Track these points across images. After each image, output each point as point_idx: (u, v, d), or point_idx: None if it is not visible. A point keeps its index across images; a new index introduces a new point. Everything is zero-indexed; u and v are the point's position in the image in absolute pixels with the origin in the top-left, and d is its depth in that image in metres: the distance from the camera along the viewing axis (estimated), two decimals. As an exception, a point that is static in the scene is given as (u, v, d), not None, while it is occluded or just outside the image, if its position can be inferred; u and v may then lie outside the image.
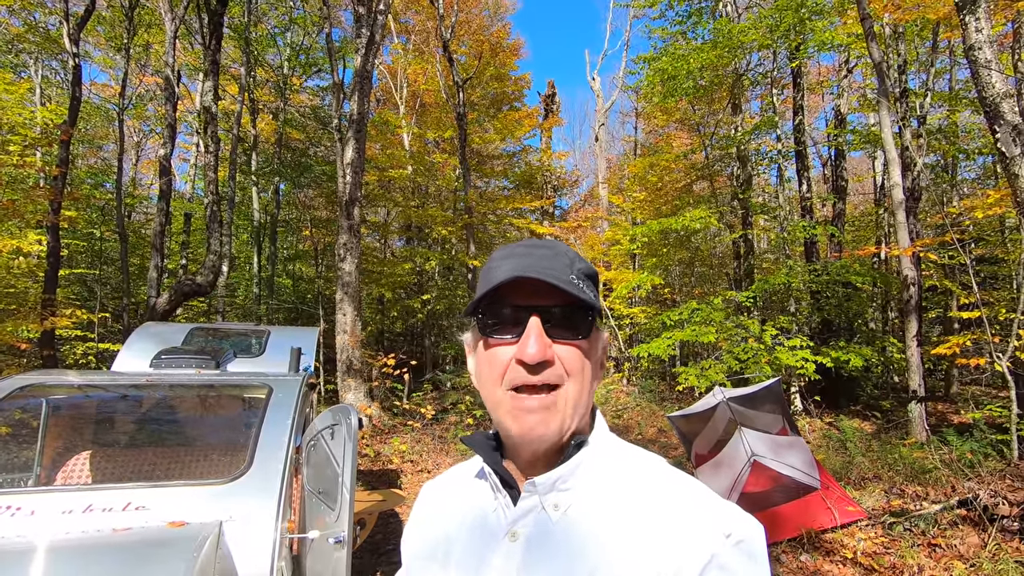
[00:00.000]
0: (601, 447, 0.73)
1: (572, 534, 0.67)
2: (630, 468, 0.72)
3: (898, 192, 8.16)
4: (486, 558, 0.71)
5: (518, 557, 0.68)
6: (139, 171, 21.59)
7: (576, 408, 0.69)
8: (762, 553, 0.64)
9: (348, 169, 9.72)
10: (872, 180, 17.50)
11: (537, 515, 0.70)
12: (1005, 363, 5.33)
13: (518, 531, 0.70)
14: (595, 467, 0.71)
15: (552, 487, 0.69)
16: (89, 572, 1.88)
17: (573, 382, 0.69)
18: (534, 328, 0.67)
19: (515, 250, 0.71)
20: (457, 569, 0.73)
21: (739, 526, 0.64)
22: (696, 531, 0.63)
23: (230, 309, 16.53)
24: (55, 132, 11.16)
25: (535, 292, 0.68)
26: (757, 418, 5.30)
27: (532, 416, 0.67)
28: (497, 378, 0.69)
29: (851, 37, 10.97)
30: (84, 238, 14.97)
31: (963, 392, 11.41)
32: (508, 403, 0.68)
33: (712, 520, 0.64)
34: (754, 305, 11.42)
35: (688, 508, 0.66)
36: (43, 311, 9.05)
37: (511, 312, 0.69)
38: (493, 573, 0.69)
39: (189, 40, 15.92)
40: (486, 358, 0.71)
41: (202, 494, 2.27)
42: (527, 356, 0.66)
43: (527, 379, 0.67)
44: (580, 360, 0.69)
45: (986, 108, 4.73)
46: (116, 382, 3.02)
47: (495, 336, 0.70)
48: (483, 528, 0.73)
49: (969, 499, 4.39)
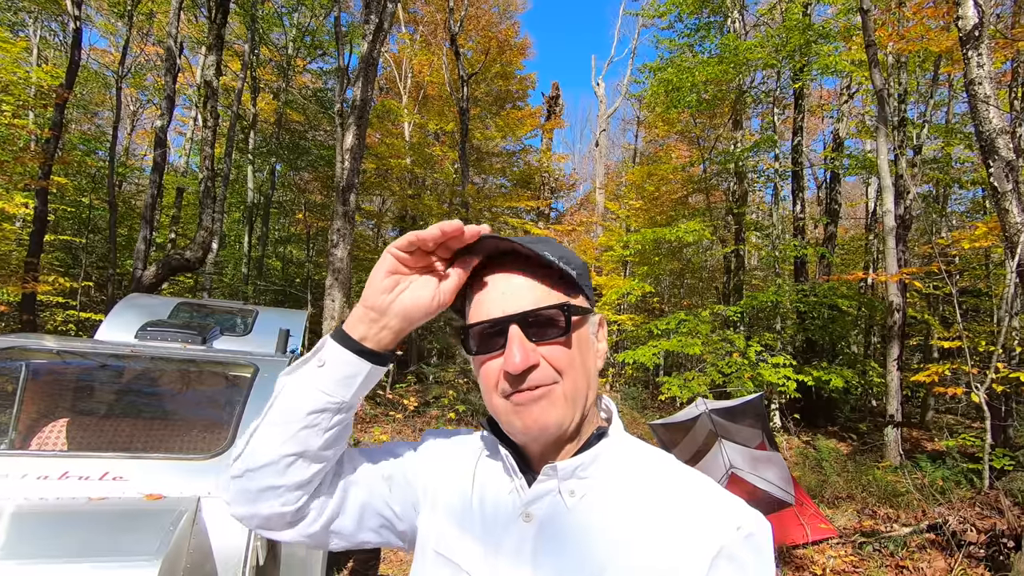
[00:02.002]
0: (619, 440, 0.76)
1: (586, 520, 0.69)
2: (644, 462, 0.74)
3: (889, 219, 8.27)
4: (500, 537, 0.72)
5: (531, 538, 0.70)
6: (133, 141, 21.29)
7: (575, 400, 0.71)
8: (769, 548, 0.66)
9: (347, 155, 9.66)
10: (865, 206, 17.73)
11: (553, 499, 0.71)
12: (982, 394, 5.43)
13: (532, 512, 0.71)
14: (612, 458, 0.73)
15: (572, 474, 0.71)
16: (61, 540, 1.85)
17: (566, 378, 0.70)
18: (515, 337, 0.68)
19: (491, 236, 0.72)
20: (474, 543, 0.74)
21: (749, 520, 0.66)
22: (708, 522, 0.65)
23: (217, 287, 16.37)
24: (50, 94, 10.98)
25: (507, 280, 0.71)
26: (737, 431, 5.34)
27: (532, 408, 0.69)
28: (492, 389, 0.71)
29: (854, 64, 11.12)
30: (72, 204, 14.73)
31: (938, 420, 11.61)
32: (507, 406, 0.70)
33: (723, 513, 0.66)
34: (741, 320, 11.53)
35: (700, 500, 0.68)
36: (25, 275, 8.90)
37: (491, 327, 0.70)
38: (506, 552, 0.71)
39: (194, 12, 15.71)
40: (481, 374, 0.73)
41: (181, 468, 2.25)
42: (512, 367, 0.67)
43: (518, 388, 0.69)
44: (567, 355, 0.71)
45: (982, 142, 4.81)
46: (99, 351, 2.97)
47: (481, 353, 0.72)
48: (498, 507, 0.75)
49: (938, 524, 4.47)
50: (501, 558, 0.71)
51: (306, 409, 0.71)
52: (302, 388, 0.72)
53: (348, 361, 0.72)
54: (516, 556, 0.70)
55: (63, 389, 3.26)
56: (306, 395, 0.72)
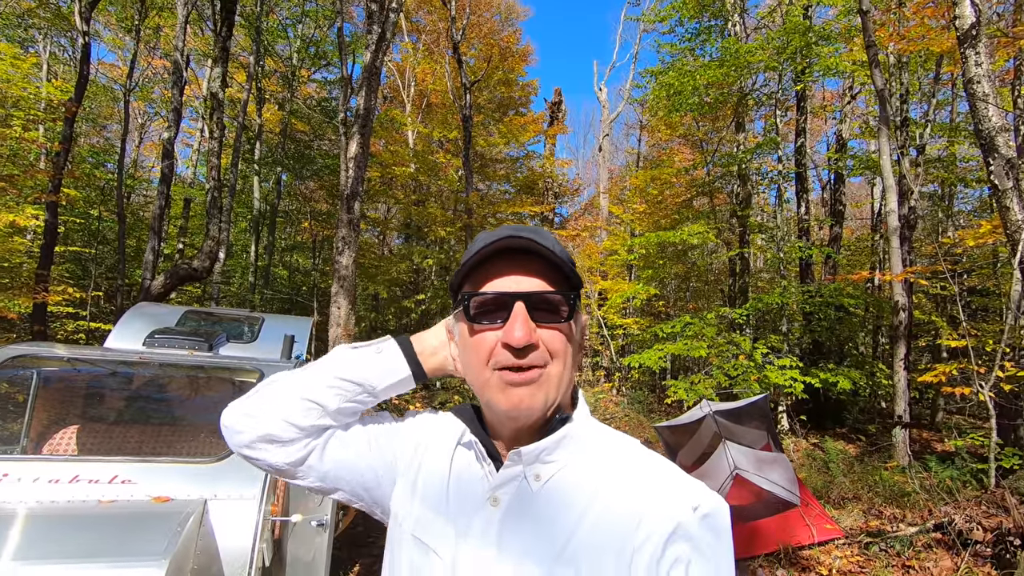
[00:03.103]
0: (582, 425, 0.77)
1: (550, 502, 0.71)
2: (607, 445, 0.77)
3: (893, 219, 8.25)
4: (469, 520, 0.75)
5: (497, 521, 0.72)
6: (141, 153, 21.55)
7: (559, 386, 0.73)
8: (726, 529, 0.68)
9: (351, 163, 9.75)
10: (870, 206, 17.67)
11: (519, 483, 0.74)
12: (987, 393, 5.40)
13: (499, 497, 0.74)
14: (576, 442, 0.75)
15: (536, 458, 0.73)
16: (72, 541, 1.90)
17: (557, 362, 0.72)
18: (520, 313, 0.70)
19: (501, 229, 0.74)
20: (446, 526, 0.77)
21: (706, 501, 0.67)
22: (664, 503, 0.67)
23: (224, 296, 16.50)
24: (59, 109, 11.17)
25: (521, 268, 0.73)
26: (742, 433, 5.34)
27: (520, 390, 0.71)
28: (483, 361, 0.73)
29: (856, 64, 11.12)
30: (82, 216, 14.92)
31: (948, 421, 11.50)
32: (496, 380, 0.72)
33: (680, 493, 0.68)
34: (747, 323, 11.50)
35: (658, 481, 0.70)
36: (36, 286, 9.02)
37: (496, 298, 0.72)
38: (474, 534, 0.73)
39: (200, 25, 15.94)
40: (472, 343, 0.75)
41: (188, 472, 2.29)
42: (514, 340, 0.69)
43: (513, 362, 0.70)
44: (563, 342, 0.73)
45: (982, 141, 4.82)
46: (108, 358, 3.03)
47: (481, 322, 0.73)
48: (470, 492, 0.77)
49: (944, 523, 4.45)
50: (469, 540, 0.73)
51: (344, 375, 0.83)
52: (351, 360, 0.84)
53: (397, 360, 0.85)
54: (482, 538, 0.72)
55: (74, 396, 3.32)
56: (350, 365, 0.84)
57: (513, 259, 0.73)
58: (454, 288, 0.79)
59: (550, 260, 0.72)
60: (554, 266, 0.73)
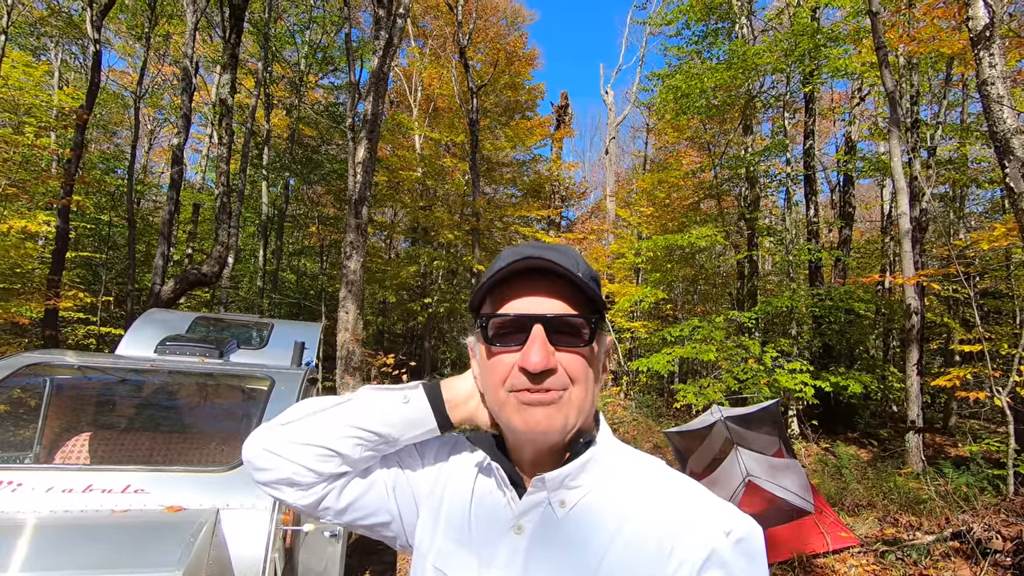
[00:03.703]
0: (606, 447, 0.75)
1: (577, 529, 0.69)
2: (633, 468, 0.75)
3: (904, 221, 8.17)
4: (493, 550, 0.73)
5: (523, 550, 0.70)
6: (151, 159, 21.75)
7: (580, 411, 0.71)
8: (760, 553, 0.66)
9: (359, 168, 9.78)
10: (880, 208, 17.52)
11: (543, 511, 0.72)
12: (1004, 398, 5.32)
13: (523, 525, 0.72)
14: (600, 466, 0.73)
15: (561, 484, 0.71)
16: (86, 551, 1.89)
17: (578, 387, 0.70)
18: (538, 337, 0.68)
19: (523, 247, 0.72)
20: (470, 556, 0.75)
21: (739, 525, 0.66)
22: (697, 528, 0.65)
23: (233, 301, 16.58)
24: (71, 116, 11.28)
25: (542, 289, 0.70)
26: (754, 439, 5.29)
27: (538, 410, 0.69)
28: (499, 382, 0.71)
29: (865, 66, 11.04)
30: (92, 222, 15.06)
31: (961, 425, 11.35)
32: (513, 401, 0.70)
33: (713, 518, 0.66)
34: (756, 326, 11.42)
35: (689, 506, 0.68)
36: (48, 291, 9.09)
37: (514, 321, 0.70)
38: (499, 564, 0.71)
39: (209, 32, 16.08)
40: (490, 365, 0.73)
41: (201, 481, 2.29)
42: (530, 365, 0.67)
43: (530, 387, 0.68)
44: (583, 367, 0.71)
45: (996, 143, 4.76)
46: (120, 365, 3.04)
47: (498, 344, 0.71)
48: (492, 520, 0.75)
49: (963, 532, 4.37)
50: (493, 570, 0.71)
51: (367, 425, 0.79)
52: (375, 409, 0.80)
53: (424, 412, 0.80)
54: (507, 568, 0.70)
55: (86, 404, 3.33)
56: (374, 415, 0.79)
57: (533, 279, 0.71)
58: (474, 307, 0.77)
59: (572, 281, 0.69)
60: (576, 287, 0.70)
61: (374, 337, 17.90)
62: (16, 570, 1.66)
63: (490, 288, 0.73)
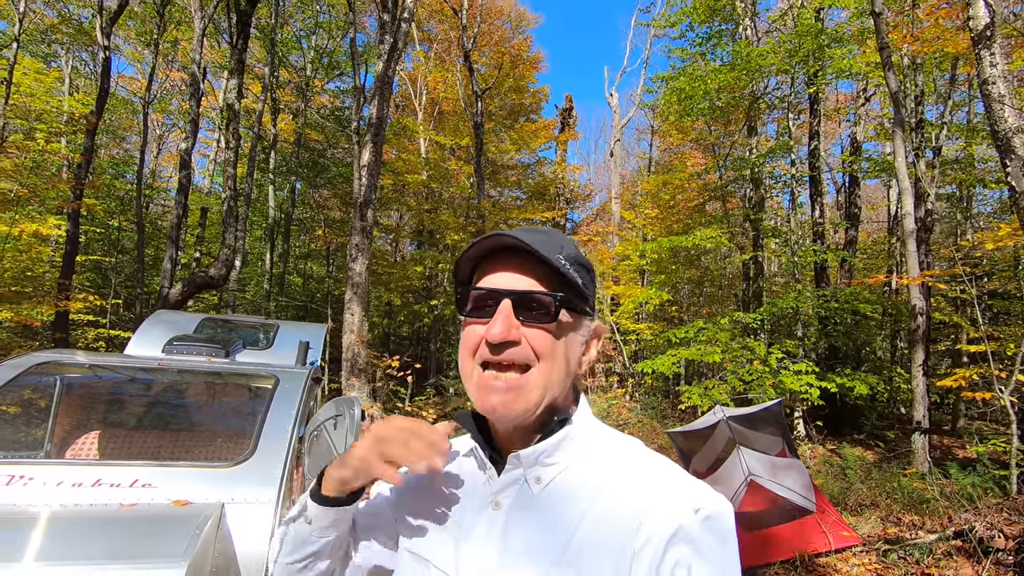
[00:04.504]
0: (583, 426, 0.77)
1: (551, 504, 0.72)
2: (609, 447, 0.76)
3: (909, 221, 8.15)
4: (472, 525, 0.76)
5: (499, 525, 0.73)
6: (159, 164, 21.98)
7: (546, 389, 0.72)
8: (730, 531, 0.66)
9: (364, 171, 9.86)
10: (886, 209, 17.45)
11: (520, 487, 0.74)
12: (1007, 397, 5.30)
13: (500, 501, 0.75)
14: (576, 444, 0.75)
15: (536, 461, 0.74)
16: (95, 543, 1.95)
17: (543, 363, 0.72)
18: (503, 310, 0.71)
19: (509, 230, 0.75)
20: (449, 533, 0.78)
21: (708, 502, 0.66)
22: (665, 504, 0.66)
23: (240, 304, 16.71)
24: (80, 121, 11.44)
25: (516, 267, 0.73)
26: (756, 439, 5.29)
27: (495, 396, 0.71)
28: (470, 352, 0.74)
29: (869, 66, 11.02)
30: (101, 226, 15.24)
31: (969, 426, 11.27)
32: (476, 378, 0.73)
33: (682, 494, 0.67)
34: (761, 328, 11.39)
35: (660, 483, 0.69)
36: (59, 295, 9.22)
37: (486, 295, 0.73)
38: (477, 537, 0.74)
39: (216, 38, 16.26)
40: (463, 335, 0.77)
41: (207, 476, 2.34)
42: (490, 335, 0.70)
43: (492, 357, 0.71)
44: (550, 342, 0.73)
45: (998, 142, 4.76)
46: (129, 364, 3.10)
47: (471, 316, 0.75)
48: (472, 498, 0.78)
49: (965, 530, 4.36)
50: (470, 544, 0.74)
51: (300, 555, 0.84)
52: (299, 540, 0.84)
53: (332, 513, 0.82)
54: (484, 541, 0.73)
55: (95, 402, 3.40)
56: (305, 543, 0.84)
57: (510, 258, 0.74)
58: (458, 280, 0.80)
59: (545, 261, 0.72)
60: (551, 268, 0.72)
61: (380, 339, 17.97)
62: (30, 560, 1.72)
63: (474, 264, 0.78)
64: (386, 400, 10.97)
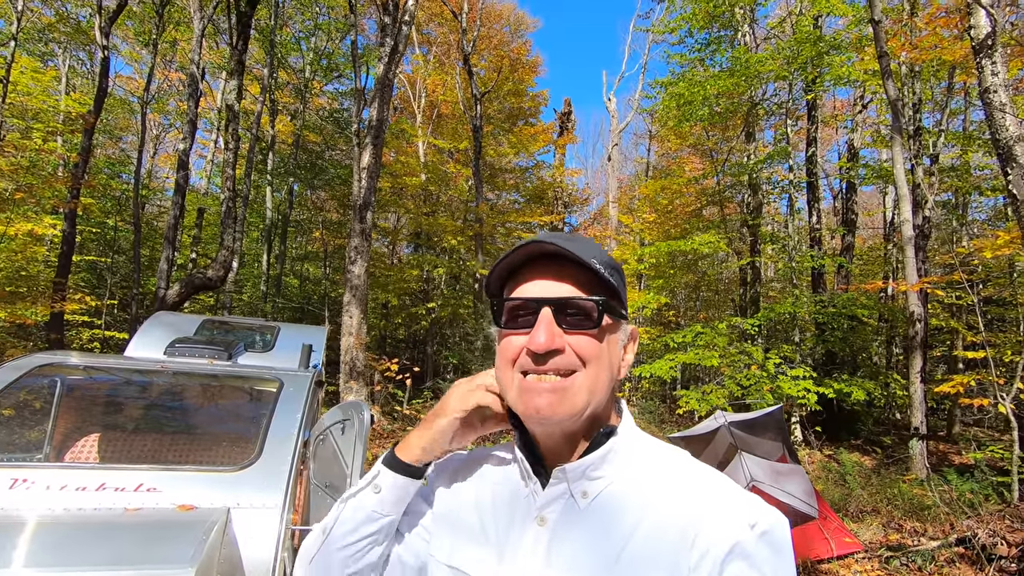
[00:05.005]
0: (628, 438, 0.75)
1: (599, 519, 0.70)
2: (656, 459, 0.75)
3: (907, 228, 8.19)
4: (517, 541, 0.73)
5: (544, 541, 0.71)
6: (156, 164, 21.88)
7: (592, 394, 0.71)
8: (786, 545, 0.65)
9: (364, 174, 9.84)
10: (882, 215, 17.54)
11: (565, 502, 0.72)
12: (1008, 405, 5.32)
13: (546, 516, 0.72)
14: (623, 456, 0.73)
15: (582, 475, 0.72)
16: (100, 548, 1.92)
17: (589, 369, 0.70)
18: (544, 318, 0.69)
19: (540, 235, 0.73)
20: (491, 548, 0.75)
21: (764, 517, 0.65)
22: (720, 520, 0.65)
23: (237, 305, 16.63)
24: (78, 121, 11.38)
25: (553, 274, 0.71)
26: (757, 444, 5.28)
27: (540, 398, 0.69)
28: (509, 363, 0.72)
29: (867, 74, 11.10)
30: (97, 226, 15.15)
31: (965, 432, 11.32)
32: (518, 384, 0.71)
33: (737, 510, 0.65)
34: (758, 333, 11.42)
35: (713, 497, 0.67)
36: (54, 295, 9.15)
37: (524, 304, 0.71)
38: (522, 555, 0.72)
39: (216, 39, 16.22)
40: (501, 347, 0.74)
41: (212, 480, 2.31)
42: (535, 345, 0.68)
43: (536, 367, 0.70)
44: (594, 348, 0.71)
45: (999, 150, 4.79)
46: (130, 367, 3.07)
47: (508, 327, 0.73)
48: (514, 511, 0.76)
49: (967, 537, 4.36)
50: (516, 561, 0.72)
51: (366, 533, 0.80)
52: (362, 514, 0.80)
53: (399, 483, 0.80)
54: (529, 558, 0.71)
55: (95, 404, 3.36)
56: (365, 520, 0.80)
57: (546, 264, 0.72)
58: (492, 292, 0.77)
59: (584, 266, 0.70)
60: (589, 272, 0.71)
61: (376, 342, 17.90)
62: (34, 566, 1.69)
63: (507, 274, 0.75)
64: (384, 403, 10.92)
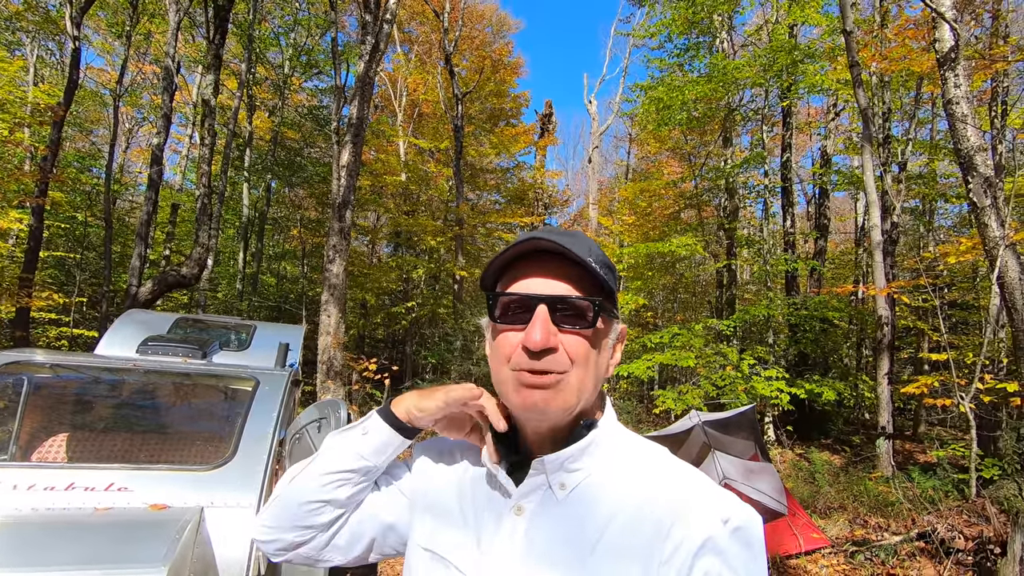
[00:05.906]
0: (609, 432, 0.76)
1: (575, 511, 0.71)
2: (635, 453, 0.76)
3: (876, 233, 8.43)
4: (494, 529, 0.75)
5: (522, 530, 0.72)
6: (128, 159, 21.36)
7: (580, 393, 0.71)
8: (759, 542, 0.66)
9: (343, 172, 9.76)
10: (854, 220, 18.00)
11: (543, 493, 0.74)
12: (968, 404, 5.53)
13: (524, 506, 0.74)
14: (603, 449, 0.75)
15: (560, 466, 0.73)
16: (69, 548, 1.89)
17: (578, 369, 0.70)
18: (540, 316, 0.68)
19: (537, 231, 0.73)
20: (469, 534, 0.77)
21: (738, 513, 0.66)
22: (695, 514, 0.66)
23: (211, 304, 16.33)
24: (46, 113, 11.05)
25: (550, 271, 0.72)
26: (730, 443, 5.40)
27: (536, 393, 0.69)
28: (503, 359, 0.72)
29: (840, 83, 11.39)
30: (66, 221, 14.74)
31: (930, 432, 11.69)
32: (513, 379, 0.71)
33: (712, 505, 0.66)
34: (734, 334, 11.63)
35: (689, 492, 0.68)
36: (20, 291, 8.89)
37: (520, 301, 0.71)
38: (499, 543, 0.73)
39: (191, 32, 15.91)
40: (496, 343, 0.74)
41: (185, 479, 2.29)
42: (531, 343, 0.67)
43: (531, 365, 0.69)
44: (586, 348, 0.71)
45: (961, 160, 4.98)
46: (102, 365, 3.02)
47: (504, 323, 0.72)
48: (492, 501, 0.77)
49: (928, 532, 4.53)
50: (494, 549, 0.73)
51: (341, 467, 0.83)
52: (344, 450, 0.84)
53: (386, 433, 0.84)
54: (507, 546, 0.72)
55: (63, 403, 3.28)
56: (346, 456, 0.84)
57: (543, 261, 0.72)
58: (486, 286, 0.77)
59: (580, 264, 0.70)
60: (585, 271, 0.71)
61: (355, 341, 17.75)
62: (1, 567, 1.66)
63: (503, 268, 0.75)
64: (362, 403, 10.85)
